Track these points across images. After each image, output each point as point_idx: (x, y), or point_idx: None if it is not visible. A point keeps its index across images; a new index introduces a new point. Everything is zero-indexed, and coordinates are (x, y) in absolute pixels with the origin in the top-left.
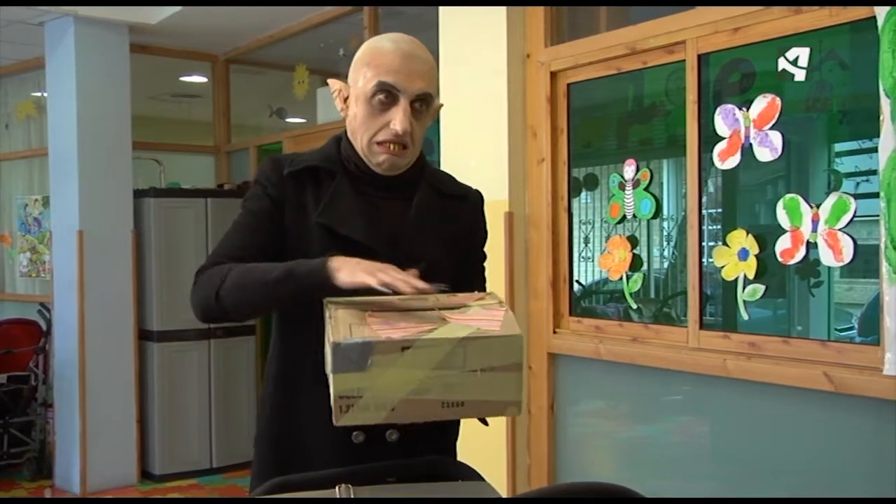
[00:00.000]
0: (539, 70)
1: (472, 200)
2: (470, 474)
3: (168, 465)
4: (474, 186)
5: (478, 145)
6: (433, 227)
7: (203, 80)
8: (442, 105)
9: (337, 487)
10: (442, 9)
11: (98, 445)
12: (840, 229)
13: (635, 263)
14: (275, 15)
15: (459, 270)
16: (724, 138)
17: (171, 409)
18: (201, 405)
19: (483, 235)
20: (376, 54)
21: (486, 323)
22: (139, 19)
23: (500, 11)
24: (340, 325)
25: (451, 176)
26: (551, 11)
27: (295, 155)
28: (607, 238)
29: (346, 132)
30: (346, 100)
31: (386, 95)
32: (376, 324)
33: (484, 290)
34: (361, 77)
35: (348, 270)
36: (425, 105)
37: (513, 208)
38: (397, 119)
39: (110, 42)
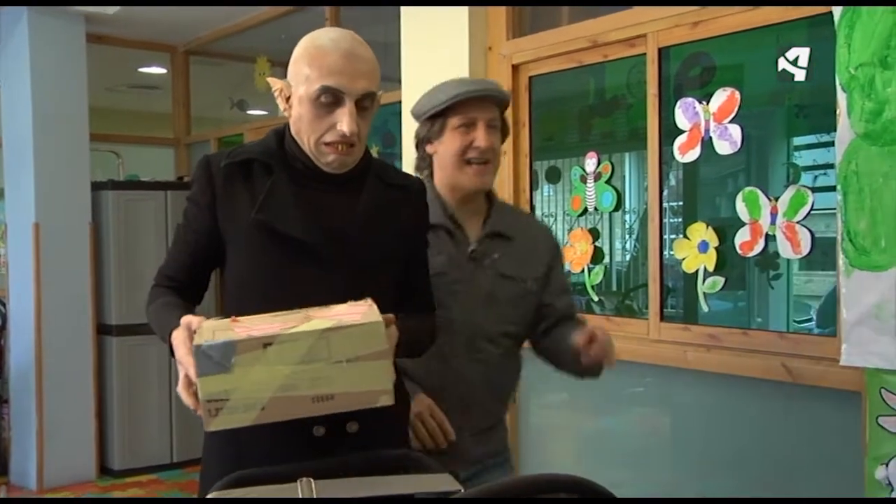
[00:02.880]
0: (501, 63)
1: (415, 189)
2: (433, 467)
3: (128, 459)
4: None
5: None
6: (382, 219)
7: (162, 71)
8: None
9: (298, 482)
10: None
11: (55, 441)
12: (798, 222)
13: (597, 256)
14: (234, 6)
15: (407, 261)
16: (684, 131)
17: (130, 404)
18: (161, 399)
19: (427, 223)
20: (317, 54)
21: (348, 316)
22: (95, 9)
23: (463, 5)
24: (205, 332)
25: (392, 165)
26: (513, 5)
27: (232, 150)
28: (569, 231)
29: (288, 128)
30: (287, 99)
31: (330, 97)
32: (240, 327)
33: (427, 277)
34: (304, 79)
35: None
36: (370, 102)
37: None
38: (344, 122)
39: (66, 32)
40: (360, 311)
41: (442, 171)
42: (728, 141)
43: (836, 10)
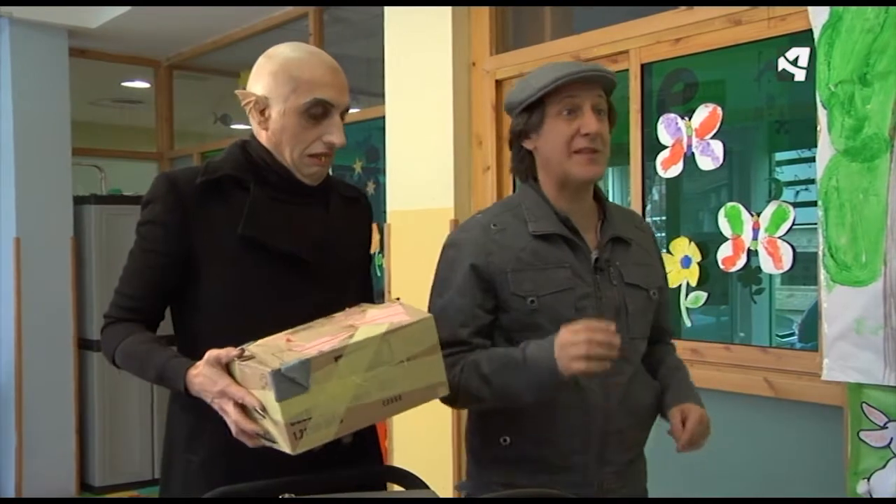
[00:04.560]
0: (484, 78)
1: (363, 202)
2: (415, 483)
3: (108, 476)
4: (424, 193)
5: (423, 153)
6: (349, 230)
7: (145, 85)
8: None
9: (281, 497)
10: (388, 17)
11: (35, 456)
12: (779, 237)
13: None
14: (218, 21)
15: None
16: (666, 147)
17: (111, 420)
18: (142, 415)
19: (371, 233)
20: (303, 66)
21: (393, 317)
22: (78, 23)
23: (446, 20)
24: (267, 357)
25: (342, 179)
26: (496, 20)
27: (200, 168)
28: None
29: (252, 139)
30: (262, 111)
31: (320, 110)
32: (297, 346)
33: (371, 284)
34: (290, 91)
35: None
36: (342, 114)
37: (458, 216)
38: (335, 134)
39: (48, 46)
40: (398, 311)
41: (546, 167)
42: (710, 156)
43: (816, 29)
